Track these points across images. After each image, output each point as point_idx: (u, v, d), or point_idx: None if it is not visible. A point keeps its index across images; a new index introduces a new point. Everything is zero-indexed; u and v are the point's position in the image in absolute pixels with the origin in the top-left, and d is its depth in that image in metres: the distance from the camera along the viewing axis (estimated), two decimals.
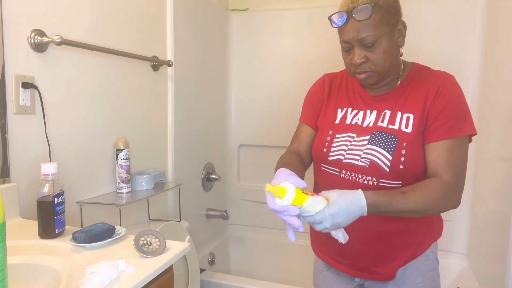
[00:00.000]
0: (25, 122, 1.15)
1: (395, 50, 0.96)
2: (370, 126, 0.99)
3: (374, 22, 0.90)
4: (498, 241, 1.55)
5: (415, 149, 0.94)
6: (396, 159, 0.93)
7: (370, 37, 0.90)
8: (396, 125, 0.96)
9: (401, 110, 0.97)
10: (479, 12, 1.96)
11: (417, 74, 1.01)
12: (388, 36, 0.93)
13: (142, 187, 1.55)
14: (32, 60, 1.16)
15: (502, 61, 1.67)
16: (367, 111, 1.02)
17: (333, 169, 1.02)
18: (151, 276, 0.79)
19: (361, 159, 0.97)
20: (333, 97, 1.10)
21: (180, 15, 1.87)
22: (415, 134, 0.94)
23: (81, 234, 0.90)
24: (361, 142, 0.98)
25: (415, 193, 0.87)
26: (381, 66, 0.94)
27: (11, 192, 1.09)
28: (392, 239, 1.01)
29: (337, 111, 1.07)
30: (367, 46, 0.92)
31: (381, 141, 0.96)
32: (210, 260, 2.25)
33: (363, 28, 0.90)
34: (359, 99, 1.05)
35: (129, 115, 1.59)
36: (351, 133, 1.01)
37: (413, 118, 0.95)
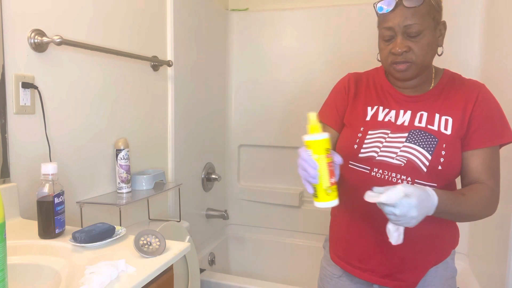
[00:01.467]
0: (25, 122, 1.15)
1: (435, 47, 0.96)
2: (406, 125, 0.97)
3: (423, 12, 0.90)
4: (498, 241, 1.55)
5: (454, 152, 0.93)
6: (435, 160, 0.92)
7: (417, 26, 0.90)
8: (435, 126, 0.95)
9: (439, 112, 0.96)
10: (479, 11, 1.96)
11: (451, 79, 1.01)
12: (432, 30, 0.92)
13: (142, 187, 1.55)
14: (32, 60, 1.16)
15: (502, 61, 1.67)
16: (400, 110, 1.00)
17: (363, 166, 0.98)
18: (151, 276, 0.79)
19: (397, 157, 0.94)
20: (361, 95, 1.06)
21: (180, 15, 1.87)
22: (454, 137, 0.94)
23: (81, 234, 0.90)
24: (398, 139, 0.95)
25: (472, 196, 0.89)
26: (422, 58, 0.92)
27: (11, 192, 1.09)
28: (418, 245, 0.98)
29: (367, 109, 1.03)
30: (411, 35, 0.91)
31: (421, 140, 0.94)
32: (210, 260, 2.25)
33: (411, 16, 0.90)
34: (390, 99, 1.02)
35: (129, 115, 1.59)
36: (385, 129, 0.98)
37: (452, 121, 0.95)
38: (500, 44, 1.72)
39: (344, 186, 1.01)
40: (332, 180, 0.82)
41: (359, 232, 1.02)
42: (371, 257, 1.01)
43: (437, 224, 0.98)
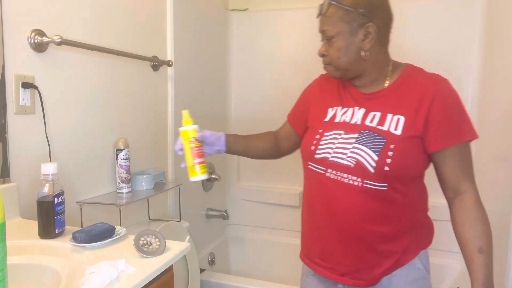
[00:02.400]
0: (25, 122, 1.15)
1: (353, 51, 0.97)
2: (358, 123, 0.98)
3: (335, 18, 0.96)
4: (498, 241, 1.55)
5: (404, 152, 0.93)
6: (381, 160, 0.92)
7: (328, 31, 0.97)
8: (385, 126, 0.95)
9: (392, 111, 0.96)
10: (479, 12, 1.96)
11: (410, 75, 1.00)
12: (346, 35, 0.96)
13: (142, 187, 1.55)
14: (32, 60, 1.16)
15: (502, 61, 1.67)
16: (355, 107, 1.02)
17: (319, 167, 1.02)
18: (151, 276, 0.79)
19: (347, 157, 0.96)
20: (326, 97, 1.10)
21: (180, 15, 1.87)
22: (404, 137, 0.93)
23: (81, 234, 0.90)
24: (349, 140, 0.97)
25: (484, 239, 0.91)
26: (336, 60, 0.98)
27: (11, 192, 1.09)
28: (376, 244, 0.98)
29: (327, 111, 1.07)
30: (327, 39, 0.99)
31: (369, 140, 0.95)
32: (210, 260, 2.25)
33: (324, 21, 0.98)
34: (349, 97, 1.05)
35: (129, 115, 1.59)
36: (339, 130, 1.00)
37: (403, 121, 0.94)
38: (500, 44, 1.72)
39: (305, 185, 1.10)
40: (197, 160, 1.09)
41: (319, 230, 1.05)
42: (330, 255, 1.03)
43: (396, 224, 0.98)
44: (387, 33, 1.00)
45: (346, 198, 0.97)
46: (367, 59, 0.98)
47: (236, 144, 1.21)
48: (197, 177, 1.08)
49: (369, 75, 1.01)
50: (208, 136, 1.14)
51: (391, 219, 0.97)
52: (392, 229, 0.98)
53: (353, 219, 0.97)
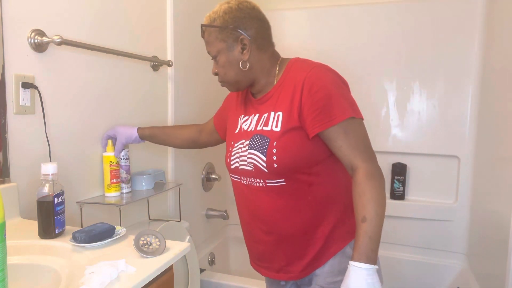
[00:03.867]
0: (25, 122, 1.15)
1: (236, 63, 1.03)
2: (251, 130, 1.05)
3: (210, 39, 1.04)
4: (498, 241, 1.55)
5: (286, 146, 0.97)
6: (269, 159, 0.97)
7: (210, 52, 1.05)
8: (269, 126, 1.01)
9: (273, 110, 1.02)
10: (479, 11, 1.96)
11: (289, 71, 1.03)
12: (225, 51, 1.03)
13: (142, 187, 1.55)
14: (32, 60, 1.16)
15: (503, 61, 1.67)
16: (252, 115, 1.08)
17: (236, 176, 1.10)
18: (151, 276, 0.79)
19: (248, 164, 1.03)
20: (238, 106, 1.16)
21: (180, 15, 1.87)
22: (284, 132, 0.97)
23: (81, 234, 0.90)
24: (245, 148, 1.04)
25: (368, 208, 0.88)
26: (225, 76, 1.06)
27: (11, 192, 1.09)
28: (296, 236, 1.04)
29: (237, 121, 1.13)
30: (213, 59, 1.06)
31: (257, 144, 1.01)
32: (210, 260, 2.25)
33: (206, 44, 1.06)
34: (249, 105, 1.11)
35: (129, 115, 1.59)
36: (242, 139, 1.07)
37: (282, 116, 0.99)
38: (500, 44, 1.72)
39: (235, 196, 1.17)
40: (113, 180, 1.40)
41: (250, 234, 1.13)
42: (264, 255, 1.11)
43: (309, 213, 1.02)
44: (264, 39, 1.04)
45: (259, 199, 1.04)
46: (252, 68, 1.04)
47: (152, 136, 1.41)
48: (111, 193, 1.41)
49: (259, 81, 1.07)
50: (123, 133, 1.39)
51: (303, 209, 1.02)
52: (307, 219, 1.03)
53: (269, 217, 1.04)
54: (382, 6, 2.15)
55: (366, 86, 2.20)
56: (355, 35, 2.21)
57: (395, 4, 2.13)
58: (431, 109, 2.11)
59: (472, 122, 2.03)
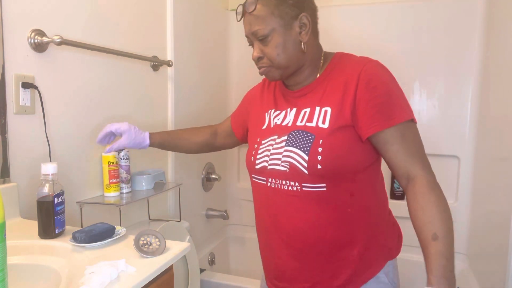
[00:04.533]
0: (25, 122, 1.15)
1: (293, 45, 0.90)
2: (289, 125, 0.92)
3: (263, 14, 0.87)
4: (498, 241, 1.55)
5: (334, 144, 0.85)
6: (312, 159, 0.85)
7: (260, 31, 0.88)
8: (313, 122, 0.88)
9: (319, 104, 0.90)
10: (479, 11, 1.96)
11: (337, 64, 0.94)
12: (283, 29, 0.88)
13: (142, 187, 1.55)
14: (32, 60, 1.16)
15: (502, 61, 1.67)
16: (287, 109, 0.96)
17: (261, 178, 0.95)
18: (151, 276, 0.79)
19: (282, 163, 0.89)
20: (264, 102, 1.05)
21: (180, 15, 1.87)
22: (332, 129, 0.86)
23: (81, 234, 0.90)
24: (280, 144, 0.91)
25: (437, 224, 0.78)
26: (276, 60, 0.90)
27: (11, 192, 1.09)
28: (327, 253, 0.90)
29: (264, 116, 1.01)
30: (260, 39, 0.90)
31: (298, 140, 0.88)
32: (210, 260, 2.25)
33: (254, 21, 0.89)
34: (282, 99, 1.00)
35: (129, 115, 1.59)
36: (273, 136, 0.94)
37: (330, 112, 0.87)
38: (500, 44, 1.72)
39: (254, 201, 1.02)
40: (112, 180, 1.39)
41: (266, 246, 0.99)
42: (284, 273, 0.96)
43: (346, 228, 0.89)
44: (316, 23, 0.95)
45: (288, 206, 0.89)
46: (305, 53, 0.92)
47: (162, 143, 1.25)
48: (110, 193, 1.40)
49: (305, 70, 0.95)
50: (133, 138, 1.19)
51: (340, 221, 0.89)
52: (343, 234, 0.90)
53: (299, 228, 0.89)
54: (382, 6, 2.14)
55: None
56: (355, 35, 2.21)
57: (395, 4, 2.12)
58: (431, 109, 2.11)
59: (472, 122, 2.02)
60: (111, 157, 1.40)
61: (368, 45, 2.18)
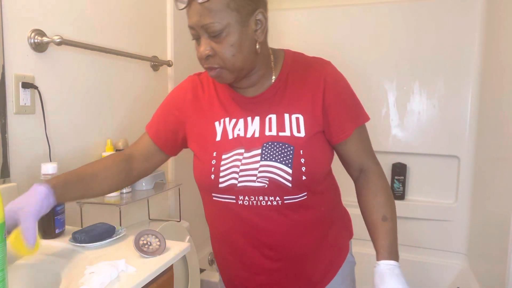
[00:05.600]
0: (25, 122, 1.15)
1: (249, 45, 0.80)
2: (257, 136, 0.84)
3: (218, 6, 0.75)
4: (498, 241, 1.55)
5: (313, 153, 0.84)
6: (296, 172, 0.81)
7: (214, 25, 0.75)
8: (287, 131, 0.83)
9: (287, 111, 0.85)
10: (479, 11, 1.96)
11: (294, 65, 0.88)
12: (238, 25, 0.77)
13: (142, 187, 1.55)
14: (32, 60, 1.16)
15: (502, 61, 1.67)
16: (247, 118, 0.86)
17: (228, 197, 0.85)
18: (151, 276, 0.79)
19: (258, 179, 0.82)
20: (204, 107, 0.91)
21: (180, 15, 1.86)
22: (310, 138, 0.84)
23: (81, 234, 0.90)
24: (253, 159, 0.83)
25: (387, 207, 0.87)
26: (230, 61, 0.78)
27: (11, 192, 1.09)
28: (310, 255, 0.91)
29: (214, 126, 0.88)
30: (212, 35, 0.77)
31: (276, 153, 0.82)
32: (210, 260, 2.25)
33: (206, 13, 0.75)
34: (234, 105, 0.88)
35: (129, 115, 1.59)
36: (238, 149, 0.84)
37: (303, 119, 0.84)
38: (500, 44, 1.72)
39: (212, 219, 0.96)
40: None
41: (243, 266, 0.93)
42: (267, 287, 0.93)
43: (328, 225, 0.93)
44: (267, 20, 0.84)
45: (267, 221, 0.85)
46: (259, 53, 0.82)
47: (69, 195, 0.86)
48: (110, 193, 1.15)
49: (258, 71, 0.86)
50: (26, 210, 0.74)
51: (315, 222, 0.90)
52: (318, 232, 0.91)
53: (279, 240, 0.87)
54: (382, 6, 2.14)
55: (366, 86, 2.20)
56: (355, 35, 2.21)
57: (395, 4, 2.12)
58: (431, 109, 2.11)
59: (472, 122, 2.02)
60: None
61: (368, 45, 2.18)
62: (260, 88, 0.88)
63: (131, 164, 0.95)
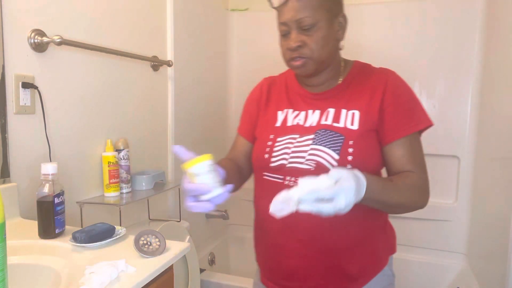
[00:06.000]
0: (25, 122, 1.15)
1: (333, 41, 0.91)
2: (314, 125, 0.92)
3: (314, 3, 0.87)
4: (498, 241, 1.55)
5: (363, 146, 0.88)
6: (343, 158, 0.86)
7: (309, 19, 0.86)
8: (341, 122, 0.90)
9: (345, 107, 0.92)
10: (479, 12, 1.96)
11: (360, 71, 0.97)
12: (327, 23, 0.88)
13: (142, 187, 1.55)
14: (32, 60, 1.16)
15: (503, 61, 1.67)
16: (308, 111, 0.96)
17: (277, 176, 0.92)
18: (151, 276, 0.79)
19: (306, 161, 0.88)
20: (273, 101, 1.03)
21: (180, 15, 1.87)
22: (362, 131, 0.89)
23: (81, 234, 0.90)
24: (305, 143, 0.90)
25: (401, 181, 0.85)
26: (317, 52, 0.89)
27: (11, 192, 1.09)
28: (343, 251, 0.91)
29: (277, 114, 0.99)
30: (304, 29, 0.87)
31: (326, 139, 0.88)
32: (210, 260, 2.25)
33: (302, 9, 0.86)
34: (299, 100, 0.99)
35: (129, 115, 1.59)
36: (293, 134, 0.93)
37: (359, 115, 0.90)
38: (500, 44, 1.72)
39: (259, 199, 0.98)
40: (112, 180, 1.40)
41: (277, 247, 0.95)
42: (295, 273, 0.94)
43: (360, 227, 0.92)
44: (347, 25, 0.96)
45: None
46: (337, 53, 0.94)
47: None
48: (110, 193, 1.40)
49: (329, 72, 0.96)
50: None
51: (357, 220, 0.90)
52: (359, 231, 0.92)
53: (317, 228, 0.89)
54: (382, 6, 2.14)
55: None
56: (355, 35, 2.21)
57: (395, 5, 2.12)
58: (431, 109, 2.11)
59: (472, 122, 2.02)
60: (111, 157, 1.41)
61: (368, 45, 2.18)
62: (326, 87, 0.97)
63: (239, 166, 1.04)
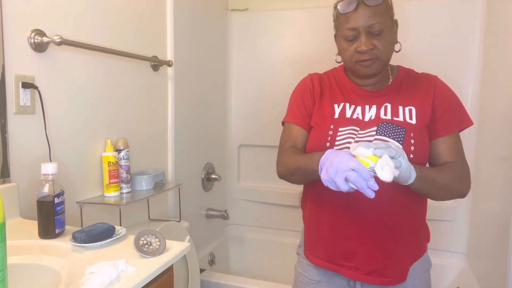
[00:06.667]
0: (25, 122, 1.15)
1: (393, 45, 1.01)
2: (373, 119, 0.99)
3: (382, 11, 0.95)
4: (498, 241, 1.55)
5: (422, 139, 0.96)
6: (406, 149, 0.93)
7: (379, 25, 0.94)
8: (400, 117, 0.98)
9: (401, 104, 1.00)
10: (479, 12, 1.96)
11: (407, 74, 1.07)
12: (391, 28, 0.98)
13: (142, 187, 1.55)
14: (32, 60, 1.16)
15: (502, 62, 1.67)
16: (365, 106, 1.01)
17: None
18: (151, 276, 0.79)
19: None
20: (326, 94, 1.07)
21: (180, 15, 1.87)
22: (420, 125, 0.97)
23: (81, 234, 0.90)
24: (369, 133, 0.96)
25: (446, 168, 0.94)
26: (386, 55, 0.97)
27: (11, 192, 1.09)
28: (402, 238, 0.98)
29: (333, 107, 1.04)
30: (374, 33, 0.94)
31: (389, 131, 0.95)
32: (210, 260, 2.25)
33: (373, 15, 0.93)
34: (354, 96, 1.04)
35: (129, 115, 1.59)
36: (354, 126, 0.98)
37: (415, 111, 0.98)
38: (500, 44, 1.72)
39: (318, 187, 1.00)
40: (112, 180, 1.40)
41: (336, 229, 1.01)
42: (354, 255, 0.99)
43: (416, 216, 1.02)
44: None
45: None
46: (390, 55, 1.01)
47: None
48: (110, 193, 1.41)
49: (384, 72, 1.04)
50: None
51: (413, 210, 0.99)
52: (411, 222, 1.00)
53: (379, 215, 0.95)
54: None
55: None
56: None
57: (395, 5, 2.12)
58: None
59: None
60: (111, 157, 1.41)
61: None
62: (378, 86, 1.04)
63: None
